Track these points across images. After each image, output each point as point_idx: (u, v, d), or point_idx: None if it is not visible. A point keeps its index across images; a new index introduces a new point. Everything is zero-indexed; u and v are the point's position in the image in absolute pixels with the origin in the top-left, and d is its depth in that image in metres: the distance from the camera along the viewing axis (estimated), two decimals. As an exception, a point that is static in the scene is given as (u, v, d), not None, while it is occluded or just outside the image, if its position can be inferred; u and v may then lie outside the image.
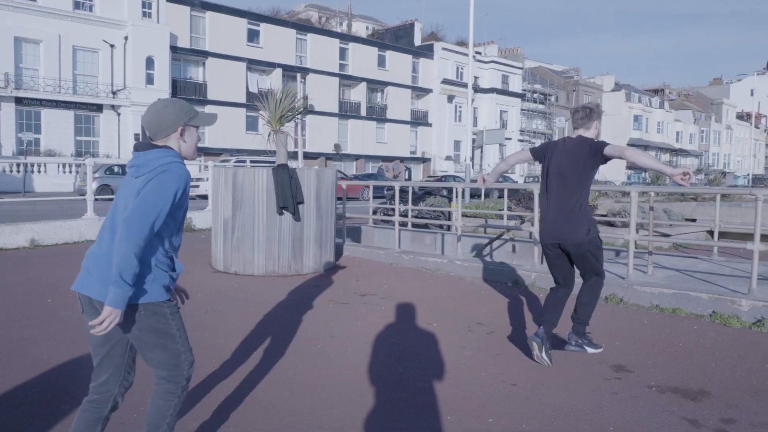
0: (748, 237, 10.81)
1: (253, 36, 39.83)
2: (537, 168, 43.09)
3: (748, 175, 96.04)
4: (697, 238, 12.53)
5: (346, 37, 45.38)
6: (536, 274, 7.18)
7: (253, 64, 39.77)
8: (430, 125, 50.60)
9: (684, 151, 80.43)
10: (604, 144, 4.31)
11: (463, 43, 69.29)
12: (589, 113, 4.47)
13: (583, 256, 4.44)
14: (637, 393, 3.93)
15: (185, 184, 2.44)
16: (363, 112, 45.54)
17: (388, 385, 4.02)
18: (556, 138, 62.58)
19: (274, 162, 8.29)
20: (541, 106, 61.30)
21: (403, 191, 13.93)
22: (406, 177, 43.54)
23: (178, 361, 2.54)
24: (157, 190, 2.35)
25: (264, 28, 40.22)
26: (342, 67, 44.38)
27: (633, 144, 69.95)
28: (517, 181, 44.09)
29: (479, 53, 57.35)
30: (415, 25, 52.49)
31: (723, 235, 12.83)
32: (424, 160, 50.47)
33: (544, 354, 4.38)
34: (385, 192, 15.81)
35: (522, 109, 58.94)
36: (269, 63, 40.17)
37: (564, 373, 4.30)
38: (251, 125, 39.68)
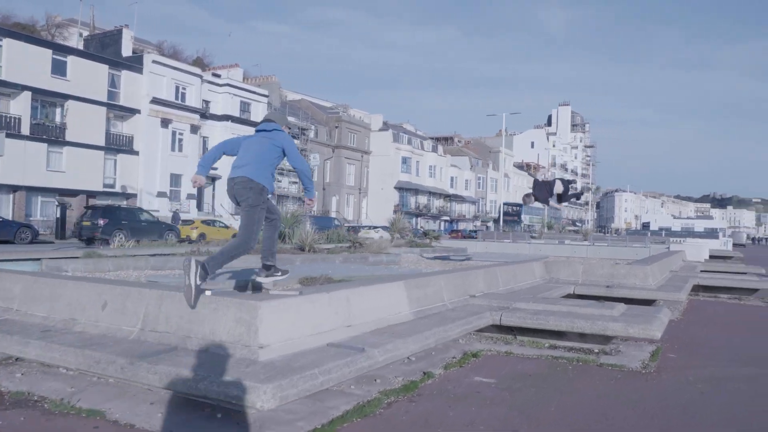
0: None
1: None
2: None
3: (531, 224, 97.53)
4: None
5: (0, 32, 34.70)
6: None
7: None
8: (136, 153, 41.02)
9: (459, 197, 78.32)
10: None
11: (201, 63, 61.38)
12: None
13: None
14: None
15: None
16: (26, 130, 34.84)
17: None
18: (315, 176, 55.59)
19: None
20: (294, 141, 54.27)
21: None
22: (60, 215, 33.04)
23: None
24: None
25: None
26: (-7, 69, 33.63)
27: (401, 187, 65.74)
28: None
29: (218, 75, 49.34)
30: (124, 32, 43.06)
31: None
32: (128, 196, 40.59)
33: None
34: None
35: (269, 143, 51.42)
36: None
37: None
38: None
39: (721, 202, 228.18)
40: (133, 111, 40.86)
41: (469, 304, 6.59)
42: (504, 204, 78.02)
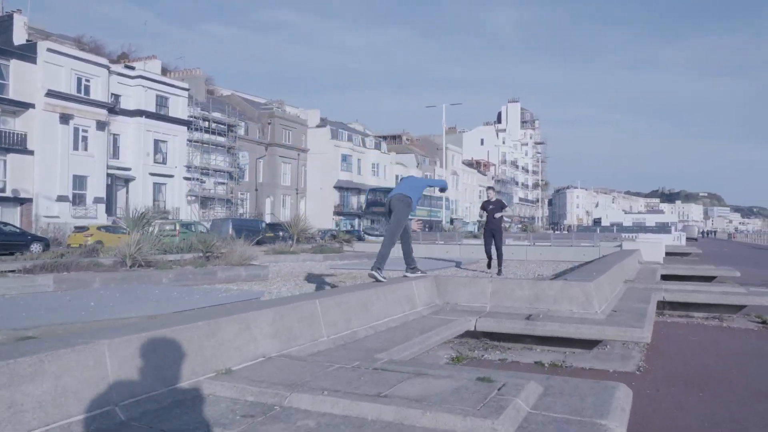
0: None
1: None
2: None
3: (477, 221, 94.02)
4: None
5: None
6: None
7: None
8: (30, 153, 36.18)
9: (405, 196, 74.86)
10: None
11: (126, 58, 56.65)
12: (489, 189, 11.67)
13: None
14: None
15: None
16: None
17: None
18: (246, 176, 51.30)
19: None
20: (221, 138, 49.97)
21: None
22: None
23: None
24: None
25: None
26: None
27: (342, 186, 62.07)
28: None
29: (131, 67, 44.72)
30: (16, 17, 38.16)
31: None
32: (22, 201, 35.75)
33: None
34: None
35: (193, 141, 47.07)
36: None
37: None
38: None
39: (669, 197, 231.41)
40: (26, 105, 36.05)
41: (186, 400, 2.90)
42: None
